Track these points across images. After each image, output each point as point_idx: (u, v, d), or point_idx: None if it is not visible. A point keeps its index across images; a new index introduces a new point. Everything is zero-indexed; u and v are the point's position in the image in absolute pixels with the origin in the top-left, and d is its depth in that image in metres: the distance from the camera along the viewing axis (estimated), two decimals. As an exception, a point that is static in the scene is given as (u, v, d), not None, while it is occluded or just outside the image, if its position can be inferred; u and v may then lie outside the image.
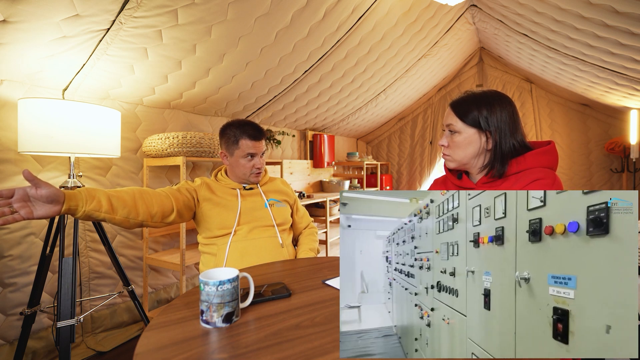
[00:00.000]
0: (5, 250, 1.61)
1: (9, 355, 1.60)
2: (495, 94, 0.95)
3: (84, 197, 0.93)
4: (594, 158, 3.58)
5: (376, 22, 2.45)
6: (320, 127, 3.97)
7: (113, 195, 1.01)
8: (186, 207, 1.27)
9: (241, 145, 1.36)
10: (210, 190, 1.37)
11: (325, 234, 3.42)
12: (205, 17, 1.67)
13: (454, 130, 0.97)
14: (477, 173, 1.00)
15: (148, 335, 0.67)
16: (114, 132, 1.65)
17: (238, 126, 1.38)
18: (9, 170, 1.62)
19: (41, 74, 1.63)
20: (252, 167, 1.38)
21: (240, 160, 1.38)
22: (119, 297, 2.08)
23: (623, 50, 2.08)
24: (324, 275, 1.03)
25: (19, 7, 1.26)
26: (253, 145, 1.37)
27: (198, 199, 1.34)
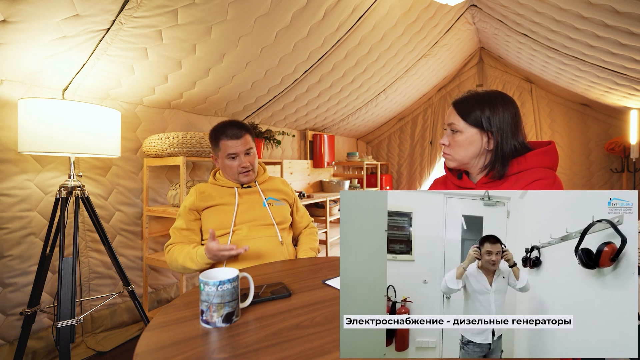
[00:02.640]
0: (5, 250, 1.61)
1: (9, 355, 1.60)
2: (498, 95, 0.95)
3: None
4: (594, 158, 3.58)
5: (376, 22, 2.44)
6: (320, 127, 3.97)
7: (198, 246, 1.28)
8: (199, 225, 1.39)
9: (221, 146, 1.37)
10: (206, 196, 1.37)
11: (325, 234, 3.42)
12: (205, 17, 1.67)
13: (456, 130, 0.96)
14: (478, 173, 0.99)
15: (148, 335, 0.67)
16: (114, 132, 1.65)
17: (219, 128, 1.39)
18: (9, 170, 1.62)
19: (41, 74, 1.63)
20: (237, 166, 1.37)
21: (225, 161, 1.38)
22: (119, 297, 2.08)
23: (623, 50, 2.08)
24: (324, 275, 1.03)
25: (19, 7, 1.26)
26: (233, 145, 1.35)
27: (199, 211, 1.36)
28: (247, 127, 1.42)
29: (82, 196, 1.58)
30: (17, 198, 1.64)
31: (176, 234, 1.33)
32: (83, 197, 1.58)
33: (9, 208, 1.62)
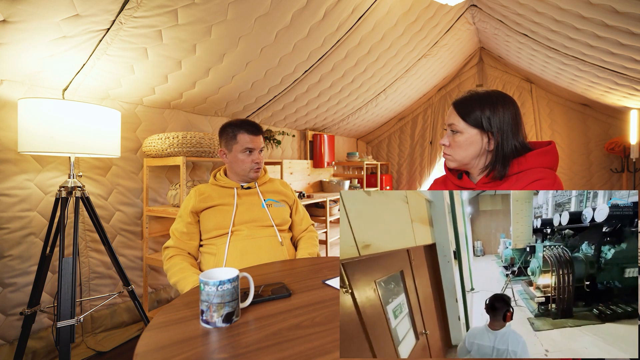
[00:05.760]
0: (5, 250, 1.61)
1: (9, 355, 1.59)
2: (498, 95, 0.94)
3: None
4: (594, 158, 3.58)
5: (376, 22, 2.44)
6: (320, 127, 3.97)
7: (196, 271, 1.27)
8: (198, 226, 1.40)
9: (239, 139, 1.39)
10: (205, 197, 1.37)
11: (325, 234, 3.42)
12: (205, 17, 1.67)
13: (456, 130, 0.96)
14: (478, 174, 0.99)
15: (148, 335, 0.67)
16: (114, 132, 1.65)
17: (236, 123, 1.42)
18: (9, 170, 1.62)
19: (41, 74, 1.63)
20: (251, 162, 1.40)
21: (239, 155, 1.39)
22: (119, 297, 2.08)
23: (623, 50, 2.08)
24: (324, 275, 1.03)
25: (19, 7, 1.26)
26: (251, 140, 1.39)
27: (198, 213, 1.37)
28: (262, 129, 1.46)
29: (82, 196, 1.58)
30: (17, 198, 1.64)
31: (177, 236, 1.34)
32: (83, 197, 1.58)
33: (9, 208, 1.62)
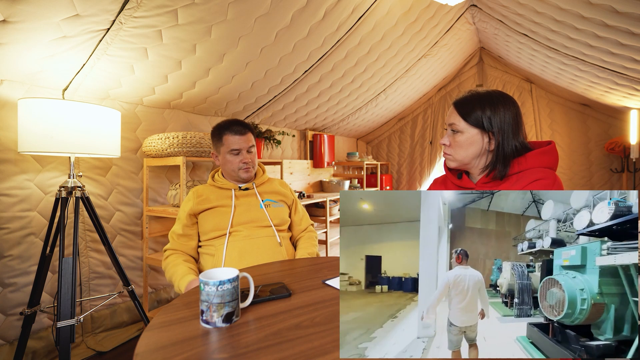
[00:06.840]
0: (5, 250, 1.61)
1: (9, 355, 1.60)
2: (499, 95, 0.94)
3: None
4: (594, 158, 3.58)
5: (376, 22, 2.44)
6: (320, 127, 3.97)
7: (192, 268, 1.28)
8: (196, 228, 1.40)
9: (225, 141, 1.39)
10: (204, 199, 1.37)
11: (325, 234, 3.42)
12: (205, 17, 1.67)
13: (457, 130, 0.96)
14: (479, 174, 0.99)
15: (148, 335, 0.67)
16: (114, 132, 1.65)
17: (223, 124, 1.42)
18: (9, 170, 1.62)
19: (41, 74, 1.63)
20: (239, 162, 1.39)
21: (227, 156, 1.39)
22: (119, 297, 2.08)
23: (623, 50, 2.08)
24: (324, 275, 1.03)
25: (19, 7, 1.26)
26: (237, 140, 1.38)
27: (197, 215, 1.37)
28: (250, 126, 1.45)
29: (82, 196, 1.58)
30: (17, 198, 1.64)
31: (174, 239, 1.35)
32: (83, 197, 1.58)
33: (9, 208, 1.62)
